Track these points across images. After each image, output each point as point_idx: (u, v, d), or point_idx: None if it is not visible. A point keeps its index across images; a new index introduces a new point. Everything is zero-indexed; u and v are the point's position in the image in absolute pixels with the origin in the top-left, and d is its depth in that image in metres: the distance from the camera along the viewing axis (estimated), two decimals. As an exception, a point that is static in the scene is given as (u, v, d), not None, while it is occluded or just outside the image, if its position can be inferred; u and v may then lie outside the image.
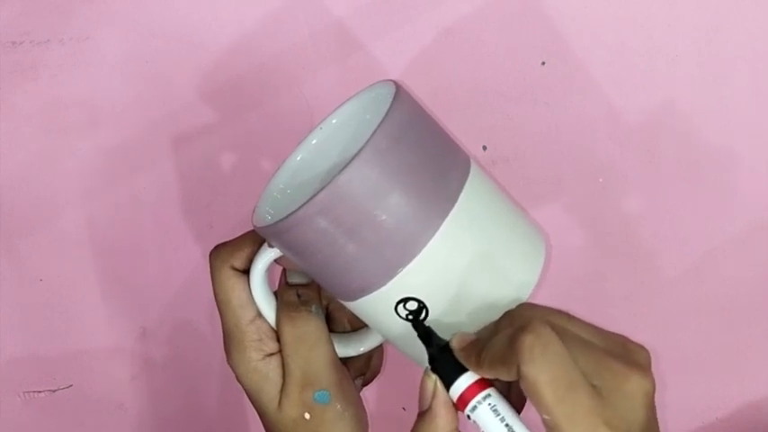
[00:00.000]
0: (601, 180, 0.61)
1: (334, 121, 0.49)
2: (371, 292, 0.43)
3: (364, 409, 0.51)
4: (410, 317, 0.43)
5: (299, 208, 0.41)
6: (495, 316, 0.43)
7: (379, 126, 0.41)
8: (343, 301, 0.46)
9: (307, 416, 0.48)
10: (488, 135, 0.60)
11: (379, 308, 0.44)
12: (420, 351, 0.43)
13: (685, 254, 0.62)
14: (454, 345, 0.42)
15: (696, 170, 0.60)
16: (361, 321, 0.51)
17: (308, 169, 0.50)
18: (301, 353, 0.48)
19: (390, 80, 0.46)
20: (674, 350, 0.61)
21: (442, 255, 0.42)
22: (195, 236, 0.64)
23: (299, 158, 0.49)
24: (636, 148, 0.60)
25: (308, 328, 0.48)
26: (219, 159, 0.63)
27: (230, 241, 0.49)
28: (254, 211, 0.47)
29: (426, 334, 0.42)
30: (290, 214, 0.42)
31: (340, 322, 0.52)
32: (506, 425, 0.40)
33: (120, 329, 0.67)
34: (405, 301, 0.43)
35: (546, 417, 0.38)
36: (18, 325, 0.67)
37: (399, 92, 0.44)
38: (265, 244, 0.47)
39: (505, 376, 0.39)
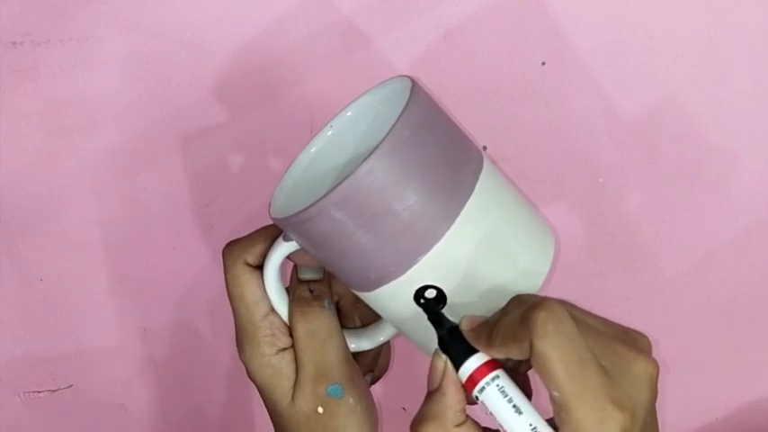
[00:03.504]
0: (601, 180, 0.61)
1: (348, 114, 0.50)
2: (390, 282, 0.44)
3: (375, 404, 0.51)
4: (427, 304, 0.44)
5: (320, 199, 0.42)
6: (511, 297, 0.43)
7: (399, 118, 0.42)
8: (359, 293, 0.46)
9: (320, 410, 0.48)
10: (488, 135, 0.60)
11: (397, 297, 0.44)
12: (433, 340, 0.43)
13: (685, 254, 0.62)
14: (464, 326, 0.42)
15: (696, 170, 0.60)
16: (371, 316, 0.51)
17: (322, 161, 0.50)
18: (314, 347, 0.48)
19: (405, 75, 0.46)
20: (674, 350, 0.61)
21: (460, 242, 0.43)
22: (196, 236, 0.64)
23: (313, 150, 0.50)
24: (636, 148, 0.60)
25: (320, 323, 0.49)
26: (220, 159, 0.63)
27: (243, 237, 0.50)
28: (270, 203, 0.47)
29: (436, 316, 0.43)
30: (310, 205, 0.42)
31: (350, 317, 0.53)
32: (514, 406, 0.40)
33: (121, 329, 0.67)
34: (423, 289, 0.43)
35: (555, 393, 0.38)
36: (18, 325, 0.67)
37: (415, 86, 0.44)
38: (279, 239, 0.47)
39: (517, 354, 0.39)
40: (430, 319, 0.43)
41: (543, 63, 0.59)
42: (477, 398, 0.41)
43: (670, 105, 0.59)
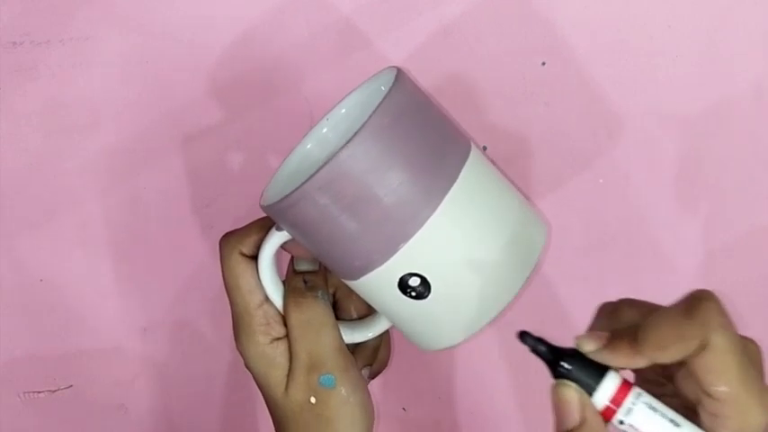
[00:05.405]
0: (601, 180, 0.61)
1: (342, 111, 0.50)
2: (374, 269, 0.44)
3: (371, 397, 0.51)
4: (413, 294, 0.44)
5: (303, 183, 0.42)
6: (497, 288, 0.43)
7: (380, 103, 0.42)
8: (347, 282, 0.47)
9: (312, 399, 0.49)
10: (488, 135, 0.60)
11: (383, 285, 0.45)
12: (424, 333, 0.43)
13: (685, 254, 0.62)
14: (589, 347, 0.38)
15: (696, 170, 0.60)
16: (367, 309, 0.52)
17: (315, 157, 0.50)
18: (308, 337, 0.49)
19: (393, 66, 0.47)
20: (675, 350, 0.61)
21: (442, 230, 0.43)
22: (196, 235, 0.64)
23: (308, 146, 0.50)
24: (636, 148, 0.60)
25: (314, 314, 0.49)
26: (220, 159, 0.63)
27: (239, 228, 0.50)
28: (261, 194, 0.48)
29: (547, 349, 0.39)
30: (293, 190, 0.42)
31: (346, 310, 0.53)
32: (670, 420, 0.37)
33: (121, 329, 0.67)
34: (408, 277, 0.43)
35: (722, 389, 0.36)
36: (18, 325, 0.67)
37: (400, 74, 0.45)
38: (273, 229, 0.48)
39: (674, 354, 0.36)
40: (543, 358, 0.39)
41: (543, 63, 0.59)
42: (622, 422, 0.37)
43: (670, 105, 0.59)
